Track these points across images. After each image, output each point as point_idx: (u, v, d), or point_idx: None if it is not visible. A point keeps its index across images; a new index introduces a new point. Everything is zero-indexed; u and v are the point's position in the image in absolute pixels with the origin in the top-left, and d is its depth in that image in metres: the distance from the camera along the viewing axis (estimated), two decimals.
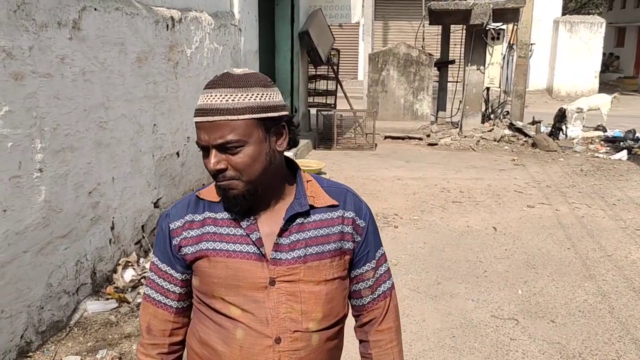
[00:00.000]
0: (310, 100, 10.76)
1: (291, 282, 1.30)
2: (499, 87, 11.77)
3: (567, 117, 10.72)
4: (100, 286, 3.88)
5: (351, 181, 7.36)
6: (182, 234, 1.33)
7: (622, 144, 9.95)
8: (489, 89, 11.40)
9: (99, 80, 3.76)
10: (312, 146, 9.69)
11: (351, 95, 11.44)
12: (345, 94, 10.66)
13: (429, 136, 10.53)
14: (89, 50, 3.62)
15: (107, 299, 3.77)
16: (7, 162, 2.93)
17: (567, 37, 19.48)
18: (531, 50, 12.56)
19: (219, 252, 1.30)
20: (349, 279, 1.41)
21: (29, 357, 3.13)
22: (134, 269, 4.03)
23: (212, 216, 1.32)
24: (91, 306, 3.65)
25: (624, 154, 9.29)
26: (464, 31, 10.79)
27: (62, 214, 3.41)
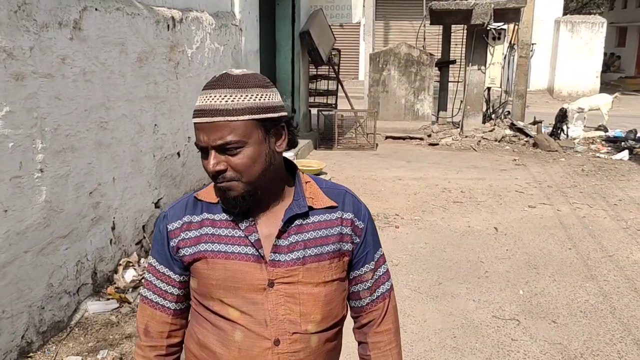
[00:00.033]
0: (311, 100, 10.76)
1: (290, 283, 1.29)
2: (500, 87, 11.77)
3: (568, 117, 10.71)
4: (101, 286, 3.88)
5: (352, 181, 7.36)
6: (180, 235, 1.32)
7: (623, 144, 9.93)
8: (490, 89, 11.40)
9: (100, 80, 3.76)
10: (313, 146, 9.69)
11: (352, 95, 11.45)
12: (346, 94, 10.66)
13: (430, 136, 10.52)
14: (89, 50, 3.62)
15: (107, 299, 3.77)
16: (8, 163, 2.93)
17: (568, 37, 19.47)
18: (532, 50, 12.57)
19: (217, 254, 1.29)
20: (348, 280, 1.40)
21: (30, 357, 3.13)
22: (135, 269, 4.03)
23: (210, 217, 1.31)
24: (92, 306, 3.65)
25: (625, 154, 9.28)
26: (465, 31, 10.79)
27: (63, 214, 3.41)
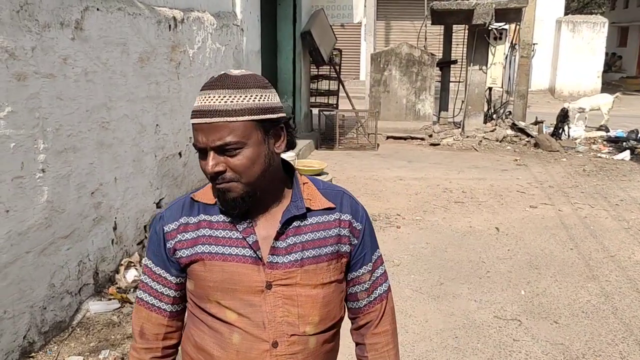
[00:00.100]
0: (312, 100, 10.76)
1: (288, 285, 1.28)
2: (502, 87, 11.76)
3: (569, 117, 10.70)
4: (102, 286, 3.88)
5: (353, 181, 7.35)
6: (176, 237, 1.31)
7: (624, 144, 9.92)
8: (491, 89, 11.39)
9: (102, 80, 3.76)
10: (314, 146, 9.68)
11: (353, 95, 11.45)
12: (347, 94, 10.66)
13: (431, 136, 10.52)
14: (91, 50, 3.62)
15: (109, 299, 3.78)
16: (10, 163, 2.93)
17: (570, 37, 19.44)
18: (533, 50, 12.55)
19: (215, 256, 1.28)
20: (346, 281, 1.40)
21: (32, 357, 3.13)
22: (137, 270, 4.03)
23: (207, 219, 1.30)
24: (93, 306, 3.65)
25: (626, 154, 9.27)
26: (467, 31, 10.78)
27: (64, 215, 3.41)
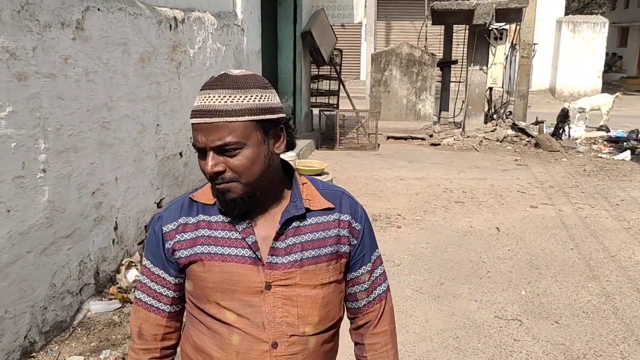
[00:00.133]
0: (312, 100, 10.76)
1: (287, 286, 1.28)
2: (502, 87, 11.75)
3: (570, 117, 10.70)
4: (103, 286, 3.88)
5: (354, 181, 7.36)
6: (175, 237, 1.30)
7: (625, 144, 9.92)
8: (491, 89, 11.39)
9: (102, 80, 3.76)
10: (315, 146, 9.68)
11: (354, 95, 11.45)
12: (347, 94, 10.67)
13: (431, 136, 10.52)
14: (92, 50, 3.62)
15: (110, 299, 3.78)
16: (11, 163, 2.93)
17: (570, 37, 19.44)
18: (534, 50, 12.55)
19: (214, 256, 1.27)
20: (345, 281, 1.40)
21: (33, 357, 3.13)
22: (137, 269, 4.03)
23: (206, 219, 1.30)
24: (94, 306, 3.65)
25: (627, 154, 9.27)
26: (467, 31, 10.78)
27: (65, 214, 3.41)
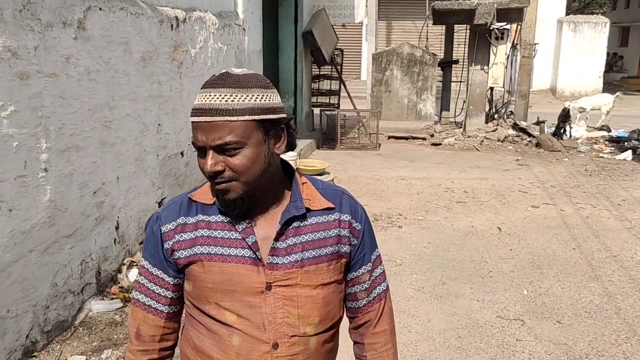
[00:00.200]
0: (313, 100, 10.76)
1: (288, 286, 1.27)
2: (503, 87, 11.75)
3: (571, 117, 10.69)
4: (105, 286, 3.88)
5: (355, 181, 7.35)
6: (174, 237, 1.29)
7: (626, 144, 9.91)
8: (492, 88, 11.38)
9: (104, 79, 3.76)
10: (316, 146, 9.68)
11: (354, 95, 11.44)
12: (348, 94, 10.66)
13: (432, 136, 10.51)
14: (93, 49, 3.62)
15: (111, 298, 3.77)
16: (13, 162, 2.92)
17: (571, 37, 19.43)
18: (535, 50, 12.53)
19: (214, 257, 1.26)
20: (345, 281, 1.39)
21: (35, 356, 3.13)
22: (139, 269, 4.03)
23: (205, 219, 1.29)
24: (96, 306, 3.65)
25: (628, 154, 9.26)
26: (468, 31, 10.77)
27: (67, 214, 3.41)
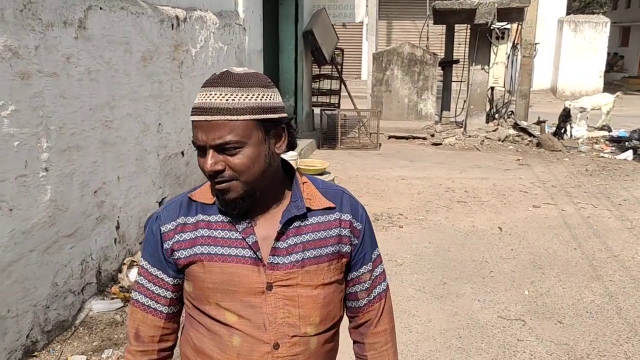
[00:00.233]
0: (314, 99, 10.76)
1: (289, 286, 1.27)
2: (504, 86, 11.74)
3: (571, 117, 10.68)
4: (105, 285, 3.87)
5: (355, 181, 7.35)
6: (174, 237, 1.28)
7: (627, 143, 9.90)
8: (493, 88, 11.37)
9: (105, 79, 3.76)
10: (316, 146, 9.68)
11: (355, 94, 11.44)
12: (349, 94, 10.66)
13: (433, 136, 10.51)
14: (94, 49, 3.62)
15: (112, 298, 3.77)
16: (14, 161, 2.92)
17: (572, 36, 19.42)
18: (535, 49, 12.54)
19: (214, 257, 1.25)
20: (345, 281, 1.39)
21: (35, 356, 3.13)
22: (138, 269, 4.03)
23: (205, 219, 1.28)
24: (96, 306, 3.64)
25: (629, 154, 9.26)
26: (469, 30, 10.77)
27: (67, 213, 3.41)
